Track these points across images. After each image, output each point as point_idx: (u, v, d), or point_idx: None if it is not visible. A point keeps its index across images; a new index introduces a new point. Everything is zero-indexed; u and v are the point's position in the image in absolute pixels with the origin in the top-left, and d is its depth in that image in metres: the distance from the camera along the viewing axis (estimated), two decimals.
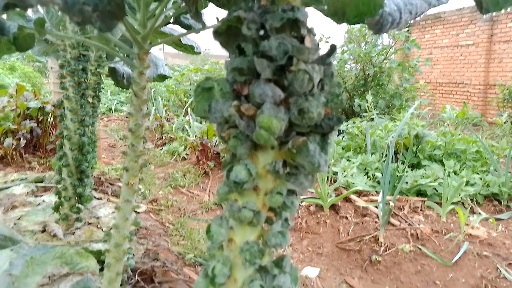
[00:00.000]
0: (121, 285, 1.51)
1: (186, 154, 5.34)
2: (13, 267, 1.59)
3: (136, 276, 1.82)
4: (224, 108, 0.67)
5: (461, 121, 6.44)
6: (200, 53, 1.74)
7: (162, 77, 2.80)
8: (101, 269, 1.73)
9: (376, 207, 3.28)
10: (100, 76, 2.76)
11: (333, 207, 3.44)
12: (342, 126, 5.04)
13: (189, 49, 1.73)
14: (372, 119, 5.37)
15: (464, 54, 10.93)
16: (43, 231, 2.16)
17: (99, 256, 1.80)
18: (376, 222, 3.13)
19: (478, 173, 3.83)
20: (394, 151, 3.93)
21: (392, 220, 3.13)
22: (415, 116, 6.32)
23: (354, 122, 4.87)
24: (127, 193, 1.51)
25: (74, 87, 2.14)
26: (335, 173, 3.98)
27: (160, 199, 3.74)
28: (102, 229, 2.30)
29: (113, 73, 2.80)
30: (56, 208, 2.28)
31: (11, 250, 1.73)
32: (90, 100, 2.54)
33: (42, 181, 3.29)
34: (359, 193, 3.62)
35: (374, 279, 2.64)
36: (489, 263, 2.70)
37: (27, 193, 3.02)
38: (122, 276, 1.55)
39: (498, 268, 2.64)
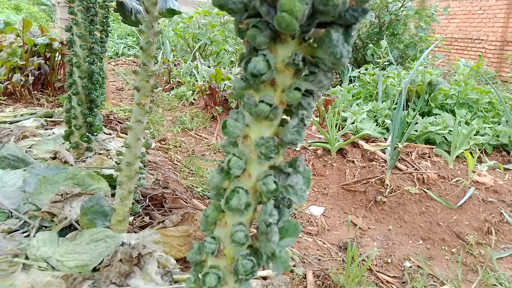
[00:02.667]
0: (132, 204, 1.55)
1: (194, 99, 5.30)
2: (27, 184, 1.62)
3: (147, 200, 1.85)
4: None
5: (474, 75, 6.29)
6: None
7: (172, 12, 2.71)
8: (113, 195, 1.77)
9: (384, 152, 3.28)
10: (108, 10, 2.69)
11: (341, 151, 3.44)
12: (354, 73, 4.95)
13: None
14: (384, 69, 5.25)
15: (483, 8, 10.46)
16: (54, 158, 2.18)
17: (110, 180, 1.83)
18: (383, 166, 3.13)
19: (489, 124, 3.77)
20: (406, 99, 3.87)
21: (399, 165, 3.13)
22: (429, 66, 6.16)
23: (366, 69, 4.76)
24: (139, 113, 1.50)
25: (83, 12, 2.08)
26: (344, 120, 3.94)
27: (169, 140, 3.76)
28: (112, 159, 2.33)
29: (121, 7, 2.70)
30: (67, 136, 2.29)
31: (24, 170, 1.75)
32: (98, 34, 2.49)
33: (51, 116, 3.30)
34: (367, 139, 3.60)
35: (378, 218, 2.69)
36: (493, 208, 2.72)
37: (37, 126, 3.04)
38: (134, 196, 1.58)
39: (502, 213, 2.67)
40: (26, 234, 1.37)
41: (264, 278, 1.33)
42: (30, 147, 2.41)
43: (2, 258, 1.17)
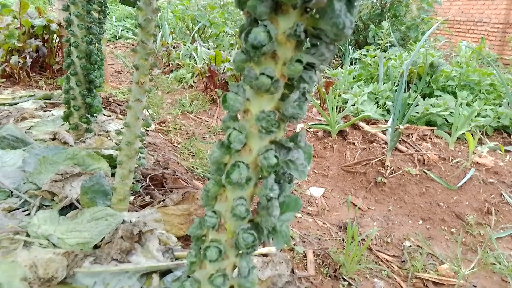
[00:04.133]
0: (132, 183, 1.54)
1: (194, 82, 5.26)
2: (26, 164, 1.61)
3: (147, 180, 1.85)
4: None
5: (476, 57, 6.23)
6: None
7: None
8: (113, 174, 1.76)
9: (385, 133, 3.27)
10: None
11: (341, 133, 3.43)
12: (355, 55, 4.89)
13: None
14: (385, 50, 5.20)
15: None
16: (54, 139, 2.18)
17: (110, 161, 1.82)
18: (383, 148, 3.13)
19: (490, 105, 3.76)
20: (407, 81, 3.84)
21: (400, 146, 3.13)
22: (431, 48, 6.10)
23: (368, 50, 4.71)
24: (138, 92, 1.49)
25: None
26: (345, 102, 3.92)
27: (168, 122, 3.75)
28: (112, 140, 2.32)
29: None
30: (66, 117, 2.28)
31: (24, 150, 1.75)
32: (96, 15, 2.45)
33: (50, 98, 3.28)
34: (367, 121, 3.59)
35: (378, 199, 2.70)
36: (493, 189, 2.73)
37: (36, 108, 3.02)
38: (134, 175, 1.58)
39: (502, 194, 2.68)
40: (26, 212, 1.38)
41: (265, 255, 1.34)
42: (29, 129, 2.40)
43: (3, 235, 1.17)
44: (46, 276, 1.06)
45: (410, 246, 2.26)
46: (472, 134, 3.55)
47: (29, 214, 1.37)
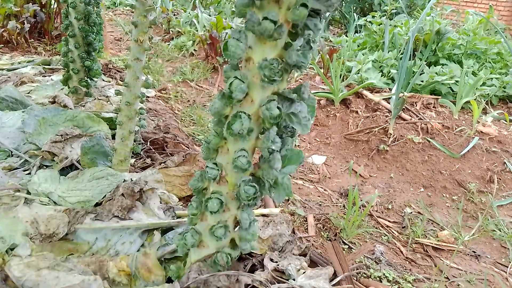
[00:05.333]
0: (133, 145, 1.53)
1: (195, 49, 5.17)
2: (26, 125, 1.60)
3: (148, 144, 1.83)
4: None
5: (484, 27, 6.08)
6: None
7: None
8: (113, 137, 1.75)
9: (388, 102, 3.22)
10: None
11: (344, 102, 3.39)
12: (360, 21, 4.78)
13: None
14: (391, 18, 5.07)
15: None
16: (53, 102, 2.15)
17: (110, 124, 1.80)
18: (387, 116, 3.09)
19: (496, 75, 3.69)
20: (413, 48, 3.76)
21: (403, 115, 3.09)
22: (438, 16, 5.95)
23: (373, 17, 4.58)
24: (137, 50, 1.45)
25: None
26: (349, 71, 3.86)
27: (169, 90, 3.70)
28: (112, 105, 2.29)
29: None
30: (65, 81, 2.25)
31: (23, 112, 1.73)
32: None
33: (49, 64, 3.23)
34: (371, 90, 3.54)
35: (380, 167, 2.69)
36: (496, 158, 2.71)
37: (35, 74, 2.98)
38: (135, 137, 1.56)
39: (505, 163, 2.66)
40: (27, 172, 1.37)
41: (266, 216, 1.33)
42: (28, 93, 2.36)
43: (4, 192, 1.16)
44: (48, 232, 1.06)
45: (411, 212, 2.26)
46: (477, 103, 3.51)
47: (29, 173, 1.36)
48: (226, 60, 4.72)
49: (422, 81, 3.52)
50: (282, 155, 0.83)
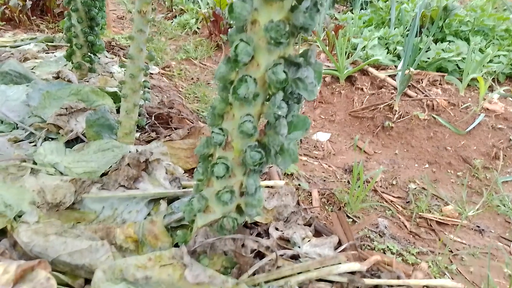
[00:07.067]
0: (138, 118, 1.53)
1: (198, 27, 5.11)
2: (30, 99, 1.59)
3: (153, 118, 1.83)
4: None
5: (492, 4, 5.94)
6: None
7: None
8: (118, 111, 1.74)
9: (394, 79, 3.19)
10: None
11: (349, 79, 3.36)
12: None
13: None
14: None
15: None
16: (57, 78, 2.14)
17: (115, 98, 1.80)
18: (392, 93, 3.07)
19: (504, 52, 3.63)
20: (419, 25, 3.69)
21: (409, 92, 3.06)
22: None
23: None
24: (140, 22, 1.43)
25: None
26: (354, 48, 3.80)
27: (173, 67, 3.68)
28: (116, 80, 2.29)
29: None
30: (69, 56, 2.23)
31: (27, 86, 1.72)
32: None
33: (52, 41, 3.21)
34: (377, 67, 3.50)
35: (385, 144, 2.68)
36: (502, 135, 2.69)
37: (38, 51, 2.96)
38: (140, 110, 1.56)
39: (510, 140, 2.64)
40: (32, 144, 1.37)
41: (271, 187, 1.34)
42: (32, 69, 2.36)
43: (10, 163, 1.17)
44: (54, 201, 1.07)
45: (415, 188, 2.26)
46: (483, 80, 3.47)
47: (35, 145, 1.36)
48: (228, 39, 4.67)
49: (429, 58, 3.47)
50: (288, 121, 0.83)
